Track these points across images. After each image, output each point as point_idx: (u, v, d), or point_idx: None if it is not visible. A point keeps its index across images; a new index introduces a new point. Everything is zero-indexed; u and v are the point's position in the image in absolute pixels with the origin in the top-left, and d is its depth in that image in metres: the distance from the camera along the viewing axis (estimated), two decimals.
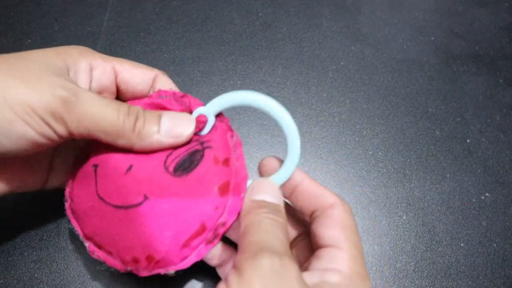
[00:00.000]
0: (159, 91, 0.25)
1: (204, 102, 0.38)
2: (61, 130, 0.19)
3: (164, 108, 0.24)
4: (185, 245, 0.21)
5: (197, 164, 0.22)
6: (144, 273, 0.22)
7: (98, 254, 0.23)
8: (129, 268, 0.22)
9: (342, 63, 0.40)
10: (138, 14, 0.41)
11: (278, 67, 0.39)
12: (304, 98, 0.37)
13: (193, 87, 0.37)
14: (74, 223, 0.24)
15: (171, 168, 0.22)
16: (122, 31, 0.40)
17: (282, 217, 0.20)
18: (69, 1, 0.41)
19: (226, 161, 0.23)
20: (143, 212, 0.21)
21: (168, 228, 0.21)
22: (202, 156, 0.22)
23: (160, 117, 0.22)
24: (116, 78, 0.25)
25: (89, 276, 0.28)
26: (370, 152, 0.35)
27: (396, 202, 0.33)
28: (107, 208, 0.22)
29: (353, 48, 0.41)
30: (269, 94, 0.37)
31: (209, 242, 0.22)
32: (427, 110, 0.38)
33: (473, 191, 0.34)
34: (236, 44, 0.40)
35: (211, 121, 0.24)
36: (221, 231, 0.22)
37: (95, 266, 0.28)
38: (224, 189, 0.22)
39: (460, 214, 0.33)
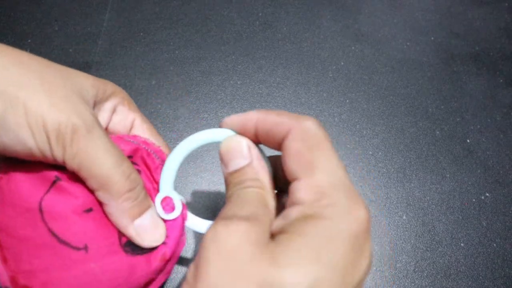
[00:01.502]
0: (158, 149, 0.24)
1: (205, 102, 0.38)
2: (58, 154, 0.19)
3: (148, 167, 0.23)
4: None
5: (146, 252, 0.21)
6: None
7: None
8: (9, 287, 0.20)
9: (342, 63, 0.40)
10: (138, 14, 0.41)
11: (278, 67, 0.39)
12: (304, 98, 0.37)
13: (193, 87, 0.37)
14: None
15: (123, 240, 0.21)
16: (122, 31, 0.40)
17: (251, 181, 0.19)
18: (69, 1, 0.41)
19: (168, 260, 0.22)
20: (73, 257, 0.20)
21: (83, 286, 0.20)
22: (156, 247, 0.22)
23: (147, 209, 0.21)
24: (130, 130, 0.24)
25: None
26: (370, 152, 0.35)
27: (396, 202, 0.33)
28: (39, 224, 0.20)
29: (353, 48, 0.41)
30: (269, 94, 0.37)
31: None
32: (427, 110, 0.38)
33: (473, 191, 0.34)
34: (236, 44, 0.40)
35: (178, 204, 0.23)
36: None
37: None
38: (148, 284, 0.22)
39: (460, 214, 0.33)
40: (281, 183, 0.21)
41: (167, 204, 0.22)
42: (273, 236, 0.17)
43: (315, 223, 0.16)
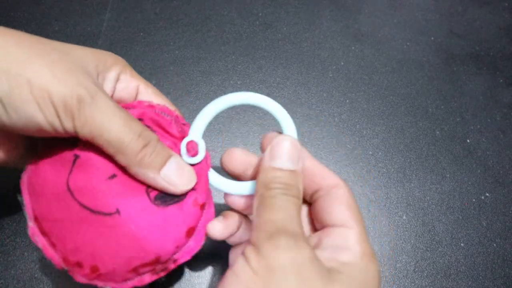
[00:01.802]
0: (164, 107, 0.24)
1: (205, 102, 0.38)
2: (68, 125, 0.19)
3: (160, 126, 0.24)
4: (134, 270, 0.21)
5: (177, 201, 0.22)
6: (80, 280, 0.21)
7: (39, 240, 0.22)
8: (66, 268, 0.21)
9: (342, 63, 0.40)
10: (138, 14, 0.41)
11: (278, 67, 0.39)
12: (304, 98, 0.37)
13: (193, 87, 0.37)
14: (26, 197, 0.22)
15: (152, 195, 0.21)
16: (122, 31, 0.40)
17: (296, 191, 0.20)
18: (69, 1, 0.41)
19: (203, 206, 0.23)
20: (108, 223, 0.21)
21: (126, 250, 0.21)
22: (185, 194, 0.22)
23: (169, 157, 0.22)
24: (135, 96, 0.25)
25: None
26: (370, 152, 0.35)
27: (396, 202, 0.33)
28: (72, 203, 0.21)
29: (353, 48, 0.41)
30: (269, 94, 0.37)
31: (156, 273, 0.22)
32: (427, 110, 0.38)
33: (473, 191, 0.34)
34: (236, 44, 0.40)
35: (202, 148, 0.23)
36: (171, 266, 0.22)
37: None
38: (190, 232, 0.22)
39: (460, 214, 0.33)
40: None
41: (192, 147, 0.23)
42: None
43: (364, 275, 0.20)
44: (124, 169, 0.21)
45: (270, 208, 0.19)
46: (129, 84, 0.24)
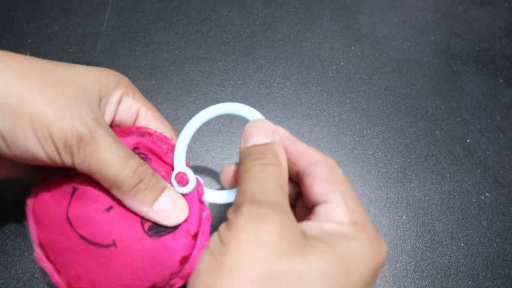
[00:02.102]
0: (161, 136, 0.25)
1: (205, 102, 0.38)
2: (67, 160, 0.20)
3: (156, 155, 0.24)
4: None
5: (170, 232, 0.22)
6: None
7: (46, 266, 0.23)
8: None
9: (342, 63, 0.40)
10: (138, 14, 0.41)
11: (278, 67, 0.39)
12: (304, 98, 0.37)
13: (193, 87, 0.37)
14: (31, 223, 0.23)
15: (146, 226, 0.22)
16: (122, 31, 0.40)
17: (273, 158, 0.20)
18: (69, 1, 0.41)
19: (195, 236, 0.23)
20: (106, 254, 0.21)
21: (123, 279, 0.22)
22: (178, 225, 0.23)
23: (162, 191, 0.22)
24: (135, 119, 0.25)
25: None
26: (370, 152, 0.35)
27: (396, 202, 0.33)
28: (71, 233, 0.22)
29: (353, 48, 0.41)
30: (269, 94, 0.37)
31: None
32: (427, 110, 0.38)
33: (473, 191, 0.34)
34: (236, 44, 0.40)
35: (192, 181, 0.24)
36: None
37: None
38: (184, 260, 0.23)
39: (460, 214, 0.33)
40: None
41: (182, 178, 0.24)
42: (306, 236, 0.18)
43: (350, 244, 0.18)
44: (120, 202, 0.22)
45: (243, 181, 0.20)
46: (131, 106, 0.24)
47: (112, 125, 0.24)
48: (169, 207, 0.22)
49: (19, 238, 0.29)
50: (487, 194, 0.34)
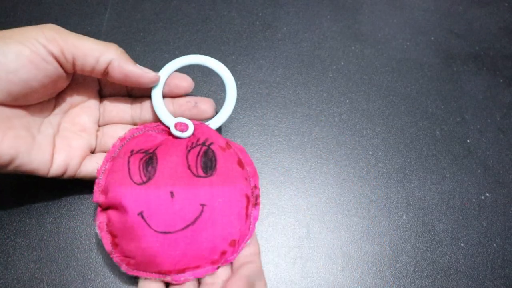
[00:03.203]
0: (130, 130, 0.29)
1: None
2: (54, 48, 0.24)
3: (154, 138, 0.28)
4: (247, 216, 0.27)
5: (215, 159, 0.27)
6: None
7: (183, 277, 0.25)
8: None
9: (342, 63, 0.40)
10: (138, 14, 0.41)
11: (278, 67, 0.39)
12: (304, 98, 0.37)
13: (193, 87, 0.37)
14: (145, 274, 0.26)
15: (201, 173, 0.26)
16: (122, 31, 0.40)
17: None
18: (69, 1, 0.41)
19: (227, 144, 0.28)
20: (208, 215, 0.25)
21: (232, 213, 0.26)
22: (213, 151, 0.27)
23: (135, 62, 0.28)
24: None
25: (89, 276, 0.28)
26: (370, 152, 0.35)
27: (396, 202, 0.33)
28: (177, 235, 0.25)
29: (353, 48, 0.41)
30: (269, 94, 0.37)
31: (255, 204, 0.28)
32: (427, 110, 0.38)
33: (473, 191, 0.34)
34: (236, 44, 0.40)
35: (189, 123, 0.28)
36: (257, 192, 0.28)
37: (94, 266, 0.28)
38: (241, 164, 0.28)
39: (460, 214, 0.33)
40: None
41: (180, 125, 0.28)
42: None
43: None
44: (170, 182, 0.26)
45: None
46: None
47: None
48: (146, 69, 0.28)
49: (19, 238, 0.29)
50: (487, 194, 0.34)
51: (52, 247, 0.29)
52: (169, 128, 0.28)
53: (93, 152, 0.29)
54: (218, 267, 0.26)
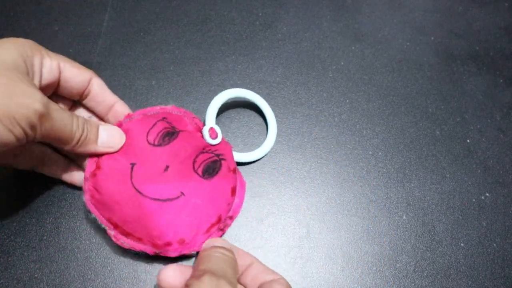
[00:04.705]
0: (173, 106, 0.31)
1: (205, 102, 0.38)
2: (32, 136, 0.23)
3: (179, 121, 0.30)
4: (207, 231, 0.28)
5: (218, 171, 0.29)
6: (173, 254, 0.27)
7: (125, 241, 0.27)
8: (158, 251, 0.27)
9: (342, 63, 0.40)
10: (138, 14, 0.41)
11: (278, 67, 0.39)
12: (304, 98, 0.37)
13: (193, 87, 0.37)
14: (96, 213, 0.27)
15: (200, 172, 0.28)
16: (122, 31, 0.40)
17: (230, 253, 0.25)
18: (69, 1, 0.41)
19: (234, 170, 0.30)
20: (179, 204, 0.27)
21: (198, 218, 0.27)
22: (220, 165, 0.29)
23: (97, 129, 0.27)
24: (59, 74, 0.27)
25: (89, 276, 0.28)
26: (370, 152, 0.35)
27: (396, 202, 0.33)
28: (143, 200, 0.26)
29: (353, 48, 0.41)
30: (269, 94, 0.37)
31: (220, 230, 0.29)
32: (427, 110, 0.38)
33: (473, 191, 0.34)
34: (236, 44, 0.40)
35: (219, 132, 0.30)
36: (229, 222, 0.29)
37: (94, 266, 0.28)
38: (233, 191, 0.29)
39: (460, 214, 0.33)
40: None
41: (213, 131, 0.30)
42: None
43: None
44: (171, 160, 0.27)
45: (205, 261, 0.24)
46: (51, 65, 0.26)
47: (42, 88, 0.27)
48: (109, 137, 0.27)
49: (19, 238, 0.29)
50: (487, 194, 0.34)
51: (52, 247, 0.29)
52: (202, 128, 0.30)
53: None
54: (155, 253, 0.27)
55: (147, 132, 0.28)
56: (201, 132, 0.30)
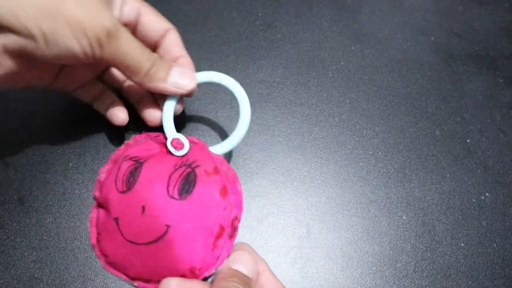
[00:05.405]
0: (134, 137, 0.30)
1: (205, 102, 0.38)
2: (98, 52, 0.24)
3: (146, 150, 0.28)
4: (214, 246, 0.26)
5: (194, 183, 0.26)
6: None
7: (149, 287, 0.27)
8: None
9: (342, 63, 0.40)
10: None
11: (278, 67, 0.39)
12: (304, 98, 0.37)
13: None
14: (116, 273, 0.27)
15: (176, 195, 0.26)
16: None
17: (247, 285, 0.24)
18: None
19: (215, 170, 0.27)
20: (171, 237, 0.25)
21: (196, 241, 0.25)
22: (195, 175, 0.26)
23: (170, 68, 0.27)
24: (139, 17, 0.28)
25: (89, 276, 0.28)
26: (370, 152, 0.35)
27: (396, 202, 0.33)
28: (140, 248, 0.25)
29: (353, 48, 0.41)
30: (269, 94, 0.37)
31: (231, 236, 0.27)
32: (427, 110, 0.38)
33: (473, 191, 0.34)
34: (236, 44, 0.40)
35: (186, 142, 0.28)
36: (236, 224, 0.27)
37: (94, 266, 0.28)
38: (223, 192, 0.27)
39: (460, 214, 0.33)
40: None
41: (177, 143, 0.28)
42: None
43: None
44: (143, 199, 0.26)
45: None
46: (133, 6, 0.28)
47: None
48: (180, 78, 0.27)
49: (19, 238, 0.29)
50: (487, 194, 0.34)
51: (52, 247, 0.29)
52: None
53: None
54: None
55: (115, 180, 0.27)
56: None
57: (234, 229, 0.27)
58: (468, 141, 0.36)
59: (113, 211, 0.26)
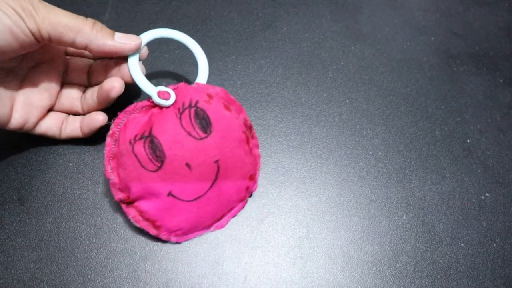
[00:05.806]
0: (114, 122, 0.29)
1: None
2: (31, 24, 0.24)
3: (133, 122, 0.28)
4: (250, 149, 0.31)
5: (208, 115, 0.28)
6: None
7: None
8: (247, 194, 0.31)
9: (342, 63, 0.40)
10: (138, 14, 0.41)
11: (278, 67, 0.39)
12: (304, 98, 0.37)
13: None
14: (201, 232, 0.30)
15: (202, 134, 0.27)
16: (122, 31, 0.39)
17: None
18: (69, 1, 0.41)
19: (209, 96, 0.29)
20: (224, 167, 0.28)
21: (240, 153, 0.29)
22: (202, 109, 0.28)
23: (113, 33, 0.28)
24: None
25: (89, 276, 0.28)
26: (370, 152, 0.35)
27: (396, 202, 0.33)
28: (209, 194, 0.28)
29: (353, 48, 0.41)
30: (269, 94, 0.37)
31: (252, 136, 0.31)
32: (427, 110, 0.38)
33: (473, 191, 0.34)
34: (236, 44, 0.40)
35: (170, 90, 0.29)
36: (249, 124, 0.30)
37: (94, 266, 0.28)
38: (226, 107, 0.29)
39: (460, 214, 0.33)
40: None
41: (163, 94, 0.28)
42: None
43: None
44: (187, 154, 0.27)
45: None
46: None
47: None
48: (125, 37, 0.28)
49: (19, 238, 0.29)
50: (487, 194, 0.34)
51: (52, 247, 0.29)
52: (149, 99, 0.28)
53: (51, 110, 0.31)
54: (246, 201, 0.30)
55: (140, 167, 0.27)
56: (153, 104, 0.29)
57: (250, 128, 0.30)
58: (468, 141, 0.36)
59: (162, 191, 0.27)
